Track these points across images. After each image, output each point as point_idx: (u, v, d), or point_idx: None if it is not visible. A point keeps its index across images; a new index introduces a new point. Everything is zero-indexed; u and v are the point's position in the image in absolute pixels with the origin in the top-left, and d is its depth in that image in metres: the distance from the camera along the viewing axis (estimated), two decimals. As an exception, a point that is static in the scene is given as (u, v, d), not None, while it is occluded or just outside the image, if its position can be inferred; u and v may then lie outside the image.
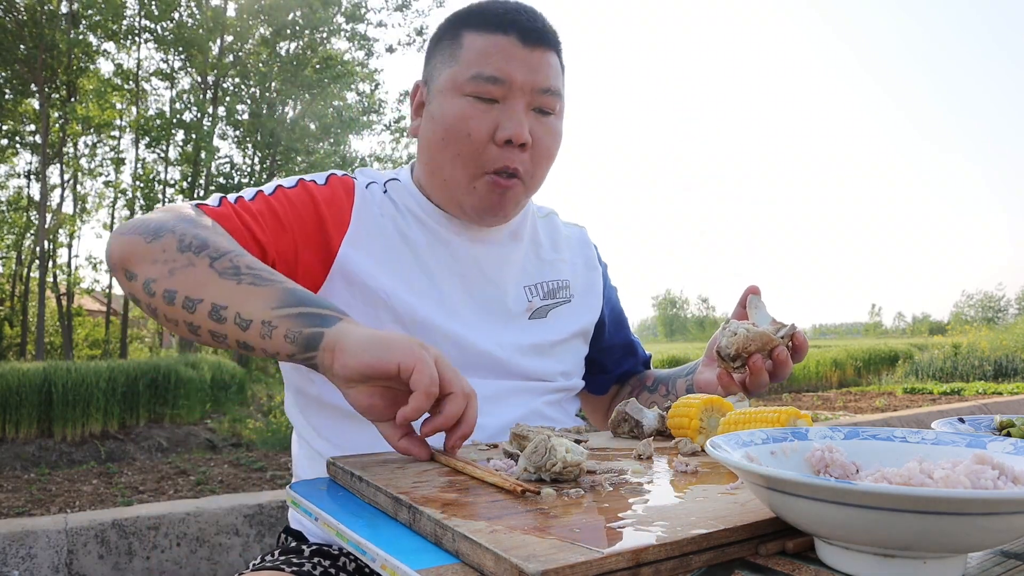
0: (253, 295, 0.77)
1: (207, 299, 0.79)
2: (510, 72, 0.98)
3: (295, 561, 0.93)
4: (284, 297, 0.77)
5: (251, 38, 13.89)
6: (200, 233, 0.83)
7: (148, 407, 7.39)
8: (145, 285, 0.82)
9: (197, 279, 0.79)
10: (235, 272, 0.79)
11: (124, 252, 0.84)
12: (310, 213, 1.00)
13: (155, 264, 0.82)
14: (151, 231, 0.83)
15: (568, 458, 0.65)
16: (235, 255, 0.81)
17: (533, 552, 0.46)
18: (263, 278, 0.79)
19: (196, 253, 0.81)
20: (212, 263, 0.80)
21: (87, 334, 16.35)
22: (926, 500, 0.41)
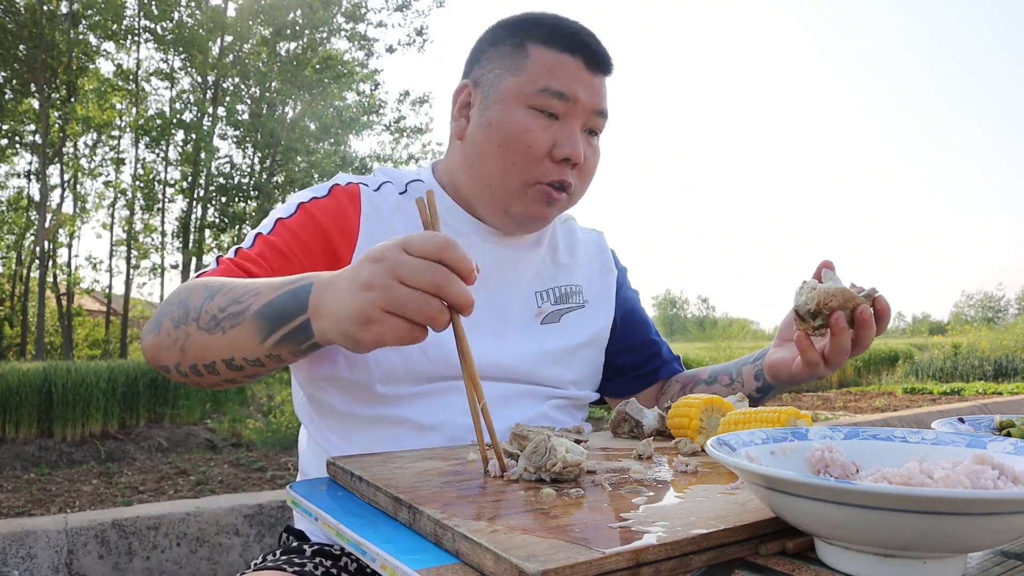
0: (241, 338, 0.79)
1: (216, 359, 0.82)
2: (576, 93, 1.02)
3: (296, 561, 0.93)
4: (260, 327, 0.78)
5: (251, 38, 13.89)
6: (185, 302, 0.85)
7: (148, 407, 7.39)
8: (177, 370, 0.87)
9: (198, 346, 0.83)
10: (216, 323, 0.81)
11: (148, 354, 0.90)
12: (313, 235, 1.01)
13: (170, 351, 0.86)
14: (156, 324, 0.88)
15: (568, 458, 0.65)
16: (208, 303, 0.83)
17: (533, 552, 0.46)
18: (234, 315, 0.80)
19: (185, 323, 0.84)
20: (198, 325, 0.83)
21: (87, 334, 16.35)
22: (926, 500, 0.41)
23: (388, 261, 0.68)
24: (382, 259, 0.68)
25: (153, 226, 14.42)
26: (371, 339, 0.69)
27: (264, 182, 13.88)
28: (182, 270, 13.90)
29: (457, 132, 1.09)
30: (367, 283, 0.68)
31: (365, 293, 0.68)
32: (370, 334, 0.68)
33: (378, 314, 0.67)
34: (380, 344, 0.69)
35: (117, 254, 14.64)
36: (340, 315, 0.70)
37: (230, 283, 0.84)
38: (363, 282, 0.68)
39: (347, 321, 0.70)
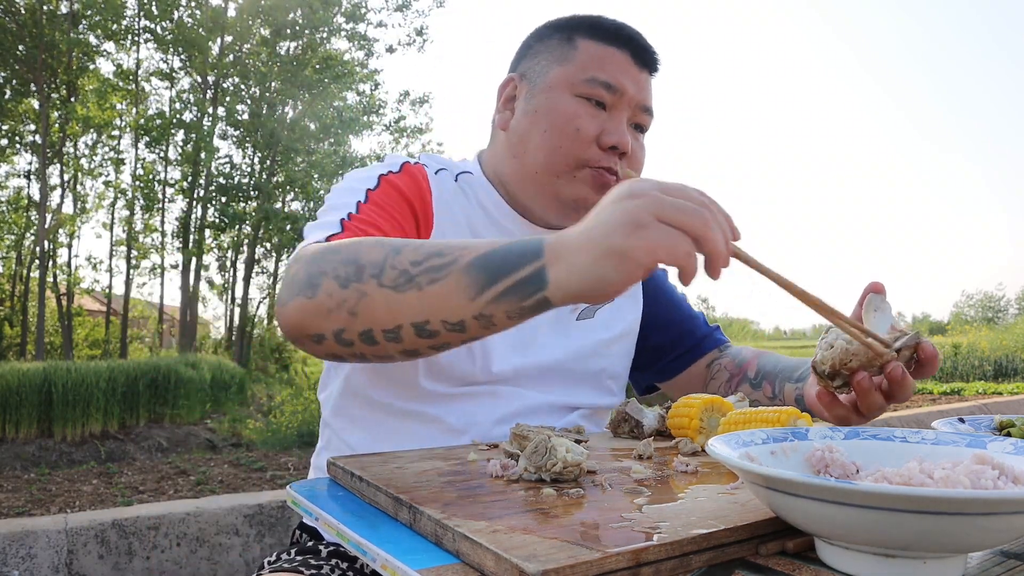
0: (444, 295, 0.67)
1: (404, 322, 0.70)
2: (624, 85, 1.02)
3: (313, 563, 0.92)
4: (474, 280, 0.66)
5: (251, 38, 13.89)
6: (356, 257, 0.73)
7: (148, 407, 7.39)
8: (338, 339, 0.74)
9: (380, 307, 0.70)
10: (408, 279, 0.69)
11: (295, 321, 0.76)
12: (402, 208, 0.98)
13: (331, 315, 0.73)
14: (306, 285, 0.75)
15: (568, 458, 0.65)
16: (392, 257, 0.71)
17: (533, 552, 0.46)
18: (436, 268, 0.68)
19: (359, 281, 0.71)
20: (380, 282, 0.70)
21: (87, 334, 16.35)
22: (926, 500, 0.41)
23: (649, 195, 0.60)
24: (640, 194, 0.60)
25: (153, 226, 14.42)
26: (643, 247, 0.58)
27: (264, 182, 13.88)
28: (182, 270, 13.90)
29: (501, 123, 1.08)
30: (634, 193, 0.60)
31: (631, 201, 0.60)
32: (642, 240, 0.58)
33: (649, 219, 0.58)
34: (652, 258, 0.58)
35: (117, 254, 14.64)
36: (595, 238, 0.60)
37: (407, 241, 0.73)
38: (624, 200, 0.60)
39: (612, 233, 0.59)
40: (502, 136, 1.08)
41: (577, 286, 0.62)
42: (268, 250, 15.34)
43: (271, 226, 13.77)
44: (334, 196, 0.98)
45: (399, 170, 1.01)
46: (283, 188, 14.37)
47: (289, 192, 14.65)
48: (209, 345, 16.17)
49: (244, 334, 14.43)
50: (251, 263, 14.99)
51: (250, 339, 14.81)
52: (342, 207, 0.93)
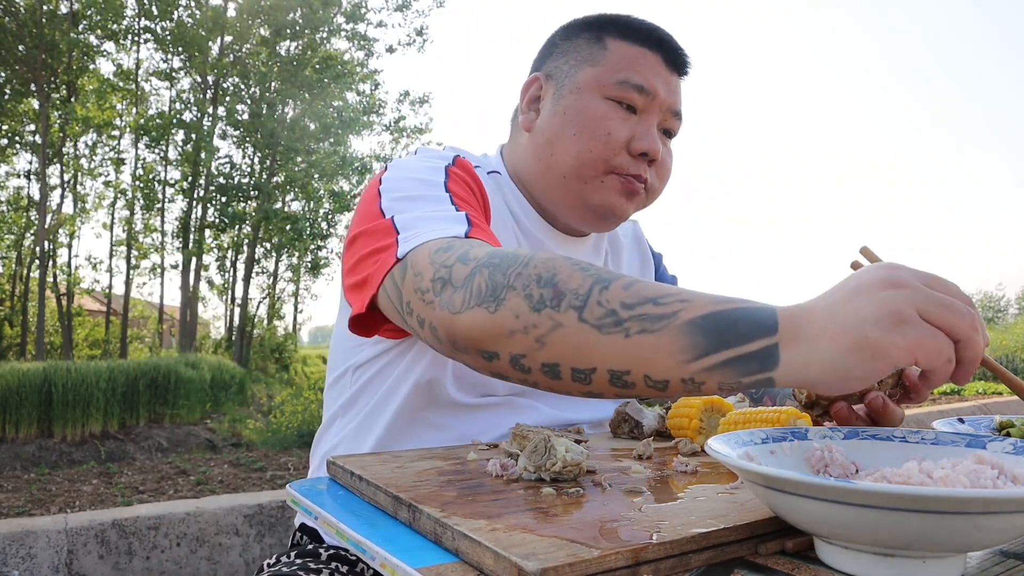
0: (653, 349, 0.60)
1: (600, 367, 0.63)
2: (656, 88, 0.99)
3: (312, 567, 0.92)
4: (694, 342, 0.58)
5: (251, 38, 13.89)
6: (554, 280, 0.66)
7: (148, 407, 7.40)
8: (514, 363, 0.67)
9: (575, 343, 0.63)
10: (616, 322, 0.61)
11: (471, 333, 0.68)
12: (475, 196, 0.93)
13: (514, 336, 0.66)
14: (489, 296, 0.67)
15: (568, 458, 0.65)
16: (599, 291, 0.63)
17: (532, 550, 0.46)
18: (652, 317, 0.60)
19: (555, 308, 0.64)
20: (580, 315, 0.63)
21: (87, 334, 16.34)
22: (925, 499, 0.41)
23: (913, 286, 0.54)
24: (903, 284, 0.54)
25: (153, 226, 14.42)
26: (903, 346, 0.52)
27: (264, 182, 13.88)
28: (182, 270, 13.90)
29: (525, 124, 1.05)
30: (894, 282, 0.54)
31: (893, 291, 0.54)
32: (903, 339, 0.52)
33: (913, 314, 0.53)
34: (910, 356, 0.53)
35: (117, 254, 14.64)
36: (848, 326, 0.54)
37: (620, 275, 0.66)
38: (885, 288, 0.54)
39: (868, 324, 0.53)
40: (525, 137, 1.05)
41: (814, 375, 0.55)
42: (268, 250, 15.34)
43: (271, 226, 13.77)
44: (410, 184, 0.87)
45: (454, 163, 0.94)
46: (283, 188, 14.36)
47: (289, 192, 14.65)
48: (209, 345, 16.16)
49: (244, 334, 14.43)
50: (251, 263, 14.98)
51: (250, 339, 14.80)
52: (436, 200, 0.84)
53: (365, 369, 1.02)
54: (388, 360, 0.99)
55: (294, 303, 17.27)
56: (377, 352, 1.00)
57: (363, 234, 0.84)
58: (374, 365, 1.01)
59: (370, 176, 1.21)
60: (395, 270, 0.76)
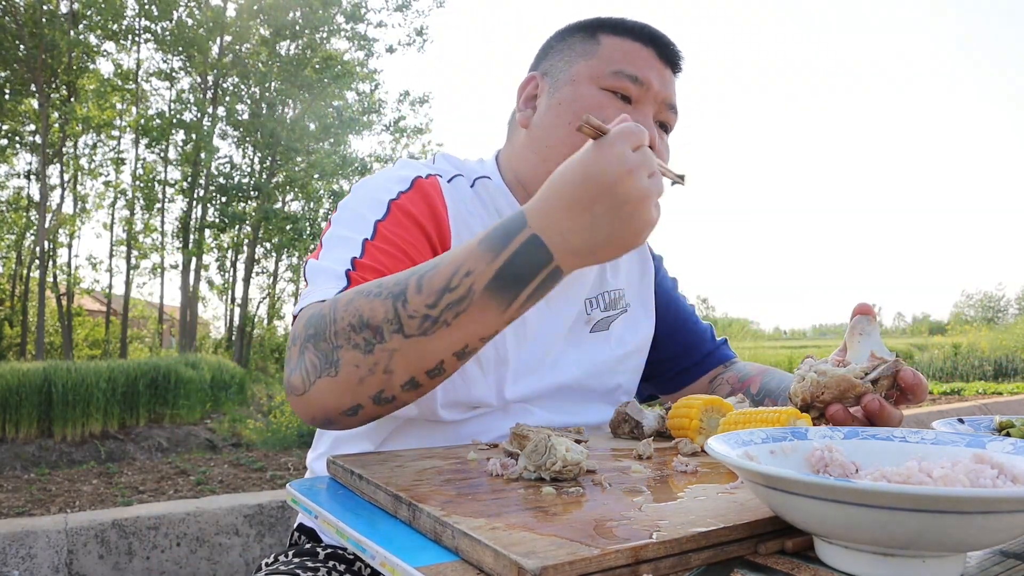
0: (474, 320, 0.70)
1: (444, 356, 0.72)
2: (649, 78, 1.00)
3: (310, 565, 0.92)
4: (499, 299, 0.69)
5: (251, 38, 13.89)
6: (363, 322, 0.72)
7: (148, 407, 7.39)
8: (377, 401, 0.74)
9: (415, 355, 0.71)
10: (432, 321, 0.69)
11: (325, 402, 0.75)
12: (414, 235, 0.93)
13: (364, 383, 0.72)
14: (325, 365, 0.73)
15: (568, 457, 0.65)
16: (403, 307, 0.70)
17: (532, 549, 0.46)
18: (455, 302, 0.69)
19: (381, 341, 0.71)
20: (404, 334, 0.70)
21: (87, 334, 16.34)
22: (925, 499, 0.41)
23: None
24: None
25: (153, 226, 14.41)
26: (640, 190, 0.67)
27: (264, 182, 13.88)
28: (182, 270, 13.90)
29: (522, 120, 1.05)
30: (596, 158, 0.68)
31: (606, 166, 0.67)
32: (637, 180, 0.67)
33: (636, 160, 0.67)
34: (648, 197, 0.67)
35: (117, 254, 14.64)
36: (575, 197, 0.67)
37: (404, 280, 0.72)
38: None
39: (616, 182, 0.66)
40: (523, 134, 1.06)
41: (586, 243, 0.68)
42: (268, 250, 15.34)
43: (271, 226, 13.77)
44: (340, 225, 0.93)
45: (410, 187, 0.96)
46: (283, 188, 14.37)
47: (289, 192, 14.65)
48: (209, 345, 16.17)
49: (244, 334, 14.43)
50: (251, 263, 14.98)
51: (250, 339, 14.81)
52: (347, 245, 0.89)
53: None
54: None
55: (294, 303, 17.23)
56: None
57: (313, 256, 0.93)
58: None
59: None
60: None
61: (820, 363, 0.81)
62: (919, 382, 0.80)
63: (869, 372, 0.78)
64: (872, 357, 0.81)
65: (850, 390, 0.78)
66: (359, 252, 0.88)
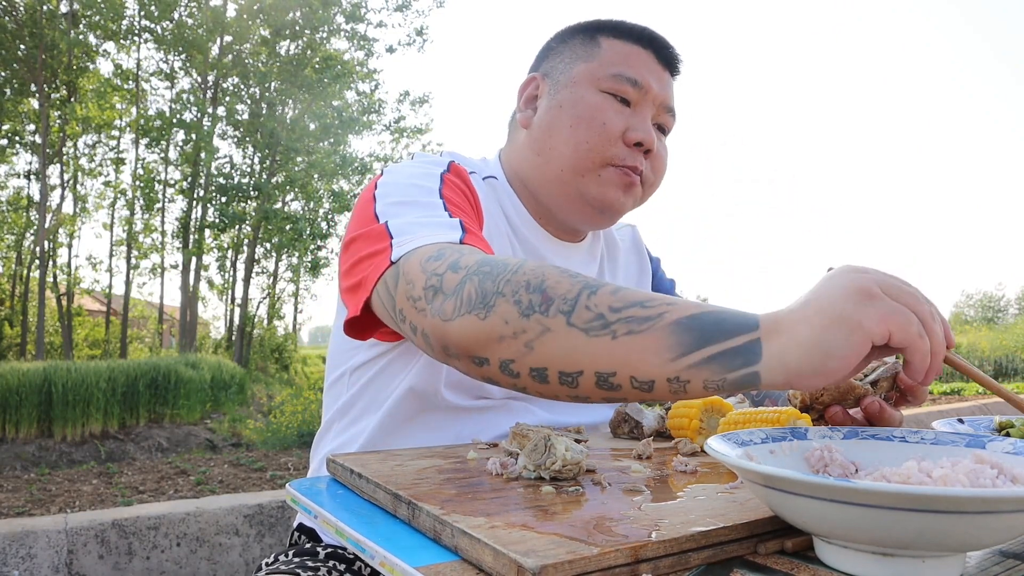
0: (639, 349, 0.61)
1: (587, 369, 0.64)
2: (648, 82, 1.01)
3: (310, 565, 0.92)
4: (679, 340, 0.60)
5: (251, 38, 13.89)
6: (532, 283, 0.67)
7: (148, 407, 7.40)
8: (503, 368, 0.68)
9: (563, 347, 0.64)
10: (603, 325, 0.63)
11: (462, 339, 0.69)
12: (470, 203, 0.94)
13: (503, 342, 0.67)
14: (479, 303, 0.69)
15: (568, 456, 0.65)
16: (586, 296, 0.65)
17: (532, 548, 0.46)
18: (638, 319, 0.62)
19: (544, 313, 0.65)
20: (568, 320, 0.64)
21: (87, 334, 16.34)
22: (925, 499, 0.41)
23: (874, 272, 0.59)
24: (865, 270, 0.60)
25: (153, 226, 14.42)
26: (876, 317, 0.55)
27: (264, 182, 13.89)
28: (182, 270, 13.91)
29: (523, 121, 1.06)
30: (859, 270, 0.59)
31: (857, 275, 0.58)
32: (875, 310, 0.55)
33: (879, 291, 0.57)
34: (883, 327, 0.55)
35: (117, 254, 14.65)
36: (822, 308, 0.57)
37: (606, 282, 0.68)
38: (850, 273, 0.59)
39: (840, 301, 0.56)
40: (524, 135, 1.07)
41: (796, 360, 0.57)
42: (268, 250, 15.34)
43: (271, 226, 13.77)
44: (398, 194, 0.88)
45: (448, 169, 0.95)
46: (283, 188, 14.37)
47: (289, 192, 14.65)
48: (209, 345, 16.16)
49: (244, 334, 14.43)
50: (251, 263, 14.99)
51: (250, 339, 14.81)
52: (425, 206, 0.84)
53: (362, 372, 1.02)
54: (384, 363, 1.00)
55: (294, 303, 17.27)
56: (373, 355, 1.00)
57: (358, 238, 0.85)
58: (371, 368, 1.01)
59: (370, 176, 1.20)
60: (388, 275, 0.77)
61: None
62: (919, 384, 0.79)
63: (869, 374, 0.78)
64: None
65: (850, 392, 0.77)
66: (443, 209, 0.84)
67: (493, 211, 1.03)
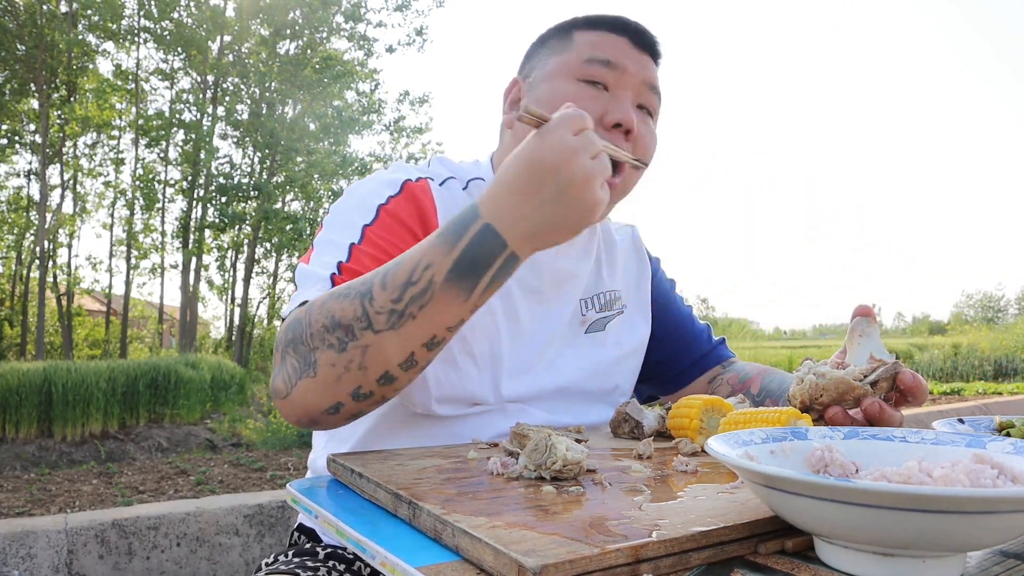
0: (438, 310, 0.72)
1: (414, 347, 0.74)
2: (622, 61, 1.00)
3: (309, 565, 0.92)
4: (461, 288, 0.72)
5: (251, 38, 13.89)
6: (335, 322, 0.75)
7: (148, 407, 7.39)
8: (355, 397, 0.76)
9: (387, 349, 0.74)
10: (399, 315, 0.72)
11: (308, 402, 0.77)
12: (401, 239, 0.94)
13: (342, 381, 0.75)
14: (304, 366, 0.77)
15: (568, 456, 0.66)
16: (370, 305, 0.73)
17: (533, 547, 0.46)
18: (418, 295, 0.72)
19: (354, 339, 0.74)
20: (374, 330, 0.73)
21: (87, 334, 16.34)
22: (925, 499, 0.41)
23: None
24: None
25: (153, 226, 14.41)
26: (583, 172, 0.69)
27: (264, 182, 13.88)
28: (182, 270, 13.90)
29: (507, 122, 1.07)
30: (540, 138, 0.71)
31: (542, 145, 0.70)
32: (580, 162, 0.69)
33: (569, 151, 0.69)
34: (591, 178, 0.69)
35: (117, 254, 14.64)
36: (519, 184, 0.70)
37: (371, 279, 0.76)
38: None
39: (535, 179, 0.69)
40: (509, 134, 1.07)
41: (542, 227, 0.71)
42: (268, 250, 15.33)
43: (271, 226, 13.76)
44: (330, 230, 0.95)
45: (399, 191, 0.97)
46: (283, 188, 14.36)
47: (289, 192, 14.65)
48: (209, 345, 16.16)
49: (244, 334, 14.43)
50: (251, 263, 14.98)
51: (250, 339, 14.81)
52: (335, 249, 0.91)
53: None
54: None
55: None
56: None
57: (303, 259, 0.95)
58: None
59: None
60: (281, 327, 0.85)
61: (819, 365, 0.82)
62: (919, 384, 0.80)
63: (868, 374, 0.78)
64: (871, 359, 0.81)
65: (849, 392, 0.78)
66: (346, 256, 0.90)
67: None
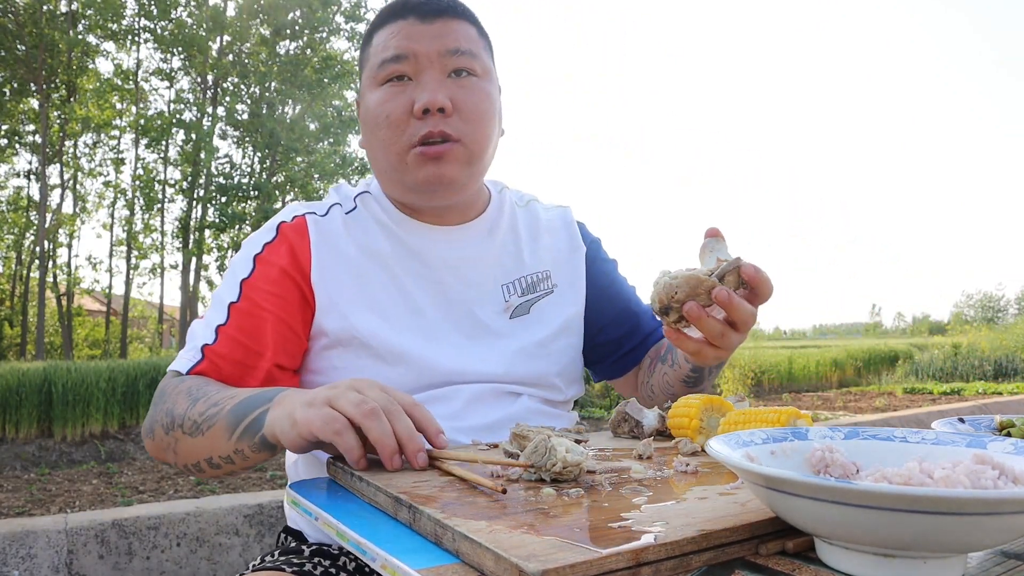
0: (215, 438, 0.85)
1: (200, 459, 0.89)
2: (411, 46, 1.01)
3: (295, 561, 0.93)
4: (229, 423, 0.83)
5: (251, 38, 13.89)
6: (171, 410, 0.91)
7: (148, 407, 7.39)
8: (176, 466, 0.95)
9: (187, 448, 0.89)
10: (196, 428, 0.87)
11: (152, 454, 0.98)
12: (279, 284, 1.01)
13: (166, 452, 0.94)
14: (149, 429, 0.95)
15: (568, 458, 0.65)
16: (190, 410, 0.89)
17: (533, 551, 0.46)
18: (211, 417, 0.86)
19: (172, 430, 0.90)
20: (183, 431, 0.89)
21: (87, 334, 16.35)
22: (926, 500, 0.41)
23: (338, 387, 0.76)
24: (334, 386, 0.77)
25: (153, 226, 14.43)
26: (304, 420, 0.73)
27: (264, 182, 13.89)
28: (182, 270, 13.91)
29: (360, 142, 1.11)
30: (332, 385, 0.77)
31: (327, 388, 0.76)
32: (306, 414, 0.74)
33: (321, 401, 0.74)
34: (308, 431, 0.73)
35: (117, 254, 14.66)
36: (294, 401, 0.77)
37: (211, 387, 0.91)
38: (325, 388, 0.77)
39: (296, 404, 0.76)
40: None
41: (276, 428, 0.78)
42: (268, 250, 15.32)
43: (271, 226, 13.76)
44: (222, 283, 1.06)
45: (275, 236, 1.04)
46: (283, 188, 14.36)
47: (289, 192, 14.65)
48: (209, 345, 16.11)
49: (244, 334, 14.41)
50: (251, 263, 14.96)
51: (250, 339, 14.79)
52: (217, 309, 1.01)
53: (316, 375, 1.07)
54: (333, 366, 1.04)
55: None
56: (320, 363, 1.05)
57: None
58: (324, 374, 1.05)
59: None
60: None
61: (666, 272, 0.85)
62: (759, 274, 0.83)
63: (715, 272, 0.83)
64: (718, 262, 0.85)
65: (699, 286, 0.82)
66: (223, 318, 1.00)
67: (357, 230, 1.07)
